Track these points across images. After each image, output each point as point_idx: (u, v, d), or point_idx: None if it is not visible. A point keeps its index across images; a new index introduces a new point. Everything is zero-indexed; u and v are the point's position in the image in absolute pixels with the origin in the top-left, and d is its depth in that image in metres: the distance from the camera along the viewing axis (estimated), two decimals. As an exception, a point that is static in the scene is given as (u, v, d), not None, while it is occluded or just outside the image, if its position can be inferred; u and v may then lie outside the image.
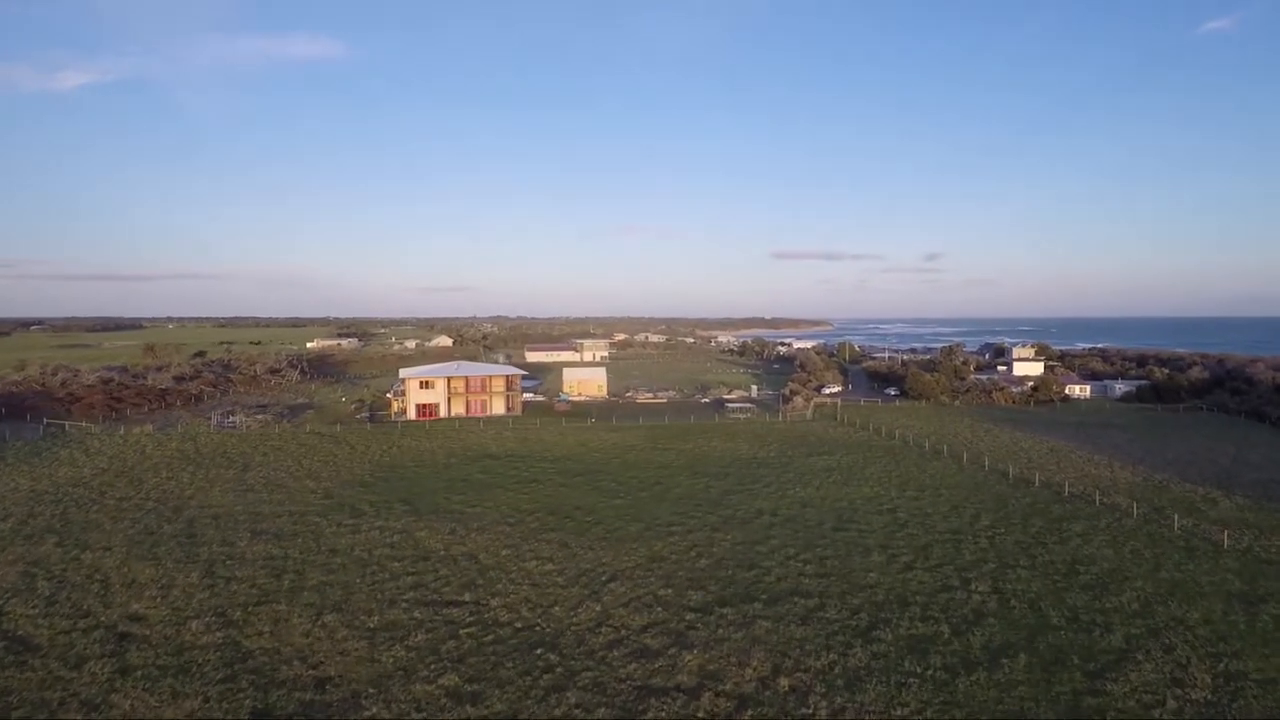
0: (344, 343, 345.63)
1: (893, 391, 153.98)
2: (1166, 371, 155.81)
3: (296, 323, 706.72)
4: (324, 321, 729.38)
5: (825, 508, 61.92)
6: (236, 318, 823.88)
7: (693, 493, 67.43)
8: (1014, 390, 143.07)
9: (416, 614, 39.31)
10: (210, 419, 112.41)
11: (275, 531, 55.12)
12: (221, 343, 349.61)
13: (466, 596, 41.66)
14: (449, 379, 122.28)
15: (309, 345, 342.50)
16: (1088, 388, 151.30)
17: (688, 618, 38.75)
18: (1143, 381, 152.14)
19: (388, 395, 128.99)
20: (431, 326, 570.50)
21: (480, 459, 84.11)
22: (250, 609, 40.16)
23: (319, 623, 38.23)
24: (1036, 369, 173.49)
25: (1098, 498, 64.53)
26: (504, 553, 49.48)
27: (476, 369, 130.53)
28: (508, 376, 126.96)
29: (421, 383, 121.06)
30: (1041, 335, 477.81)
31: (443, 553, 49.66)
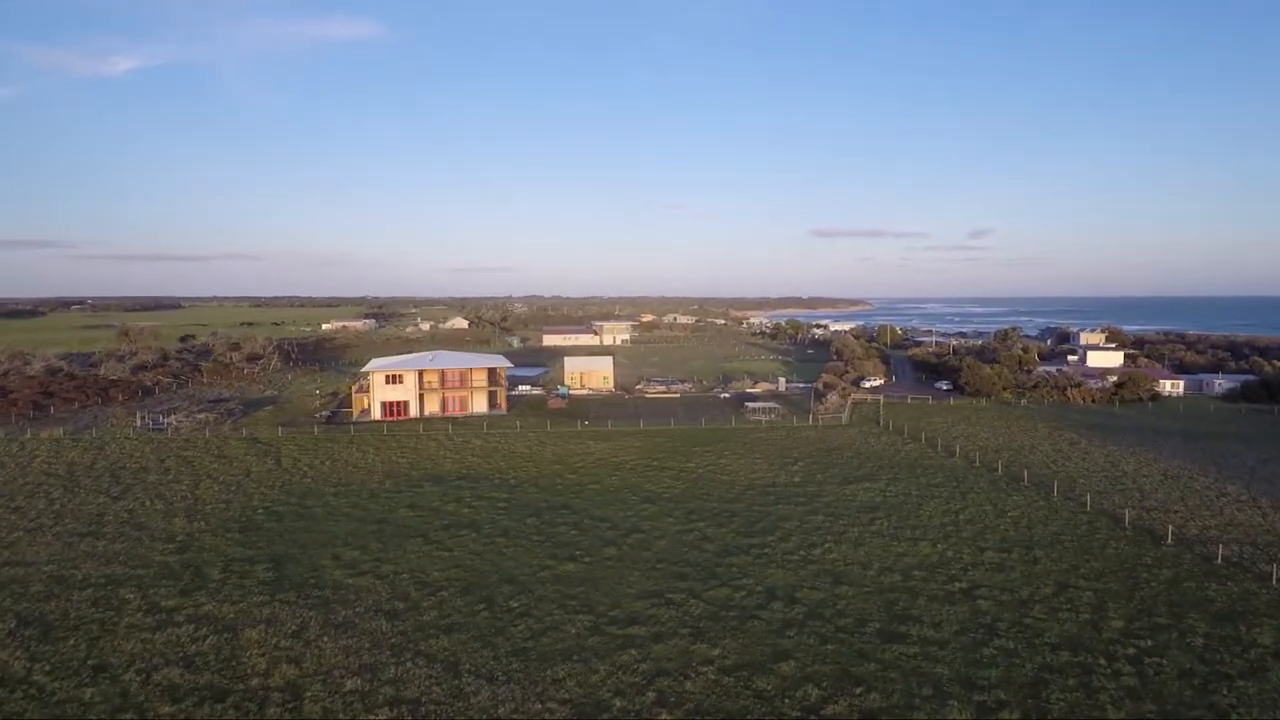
0: (356, 324, 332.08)
1: (944, 386, 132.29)
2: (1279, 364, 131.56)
3: (333, 302, 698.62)
4: (359, 301, 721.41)
5: (868, 585, 42.41)
6: (278, 297, 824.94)
7: (679, 550, 48.40)
8: (1093, 386, 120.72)
9: None
10: (138, 419, 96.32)
11: (54, 618, 37.66)
12: (243, 323, 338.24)
13: (219, 813, 23.37)
14: (420, 372, 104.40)
15: (324, 326, 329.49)
16: (1180, 383, 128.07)
17: None
18: (1248, 376, 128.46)
19: (354, 389, 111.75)
20: (463, 306, 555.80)
21: (421, 483, 66.06)
22: None
23: None
24: (1115, 359, 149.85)
25: (1274, 572, 43.86)
26: (350, 684, 31.10)
27: (456, 360, 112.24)
28: (491, 369, 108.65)
29: (388, 377, 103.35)
30: (1084, 316, 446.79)
31: (256, 680, 31.47)
